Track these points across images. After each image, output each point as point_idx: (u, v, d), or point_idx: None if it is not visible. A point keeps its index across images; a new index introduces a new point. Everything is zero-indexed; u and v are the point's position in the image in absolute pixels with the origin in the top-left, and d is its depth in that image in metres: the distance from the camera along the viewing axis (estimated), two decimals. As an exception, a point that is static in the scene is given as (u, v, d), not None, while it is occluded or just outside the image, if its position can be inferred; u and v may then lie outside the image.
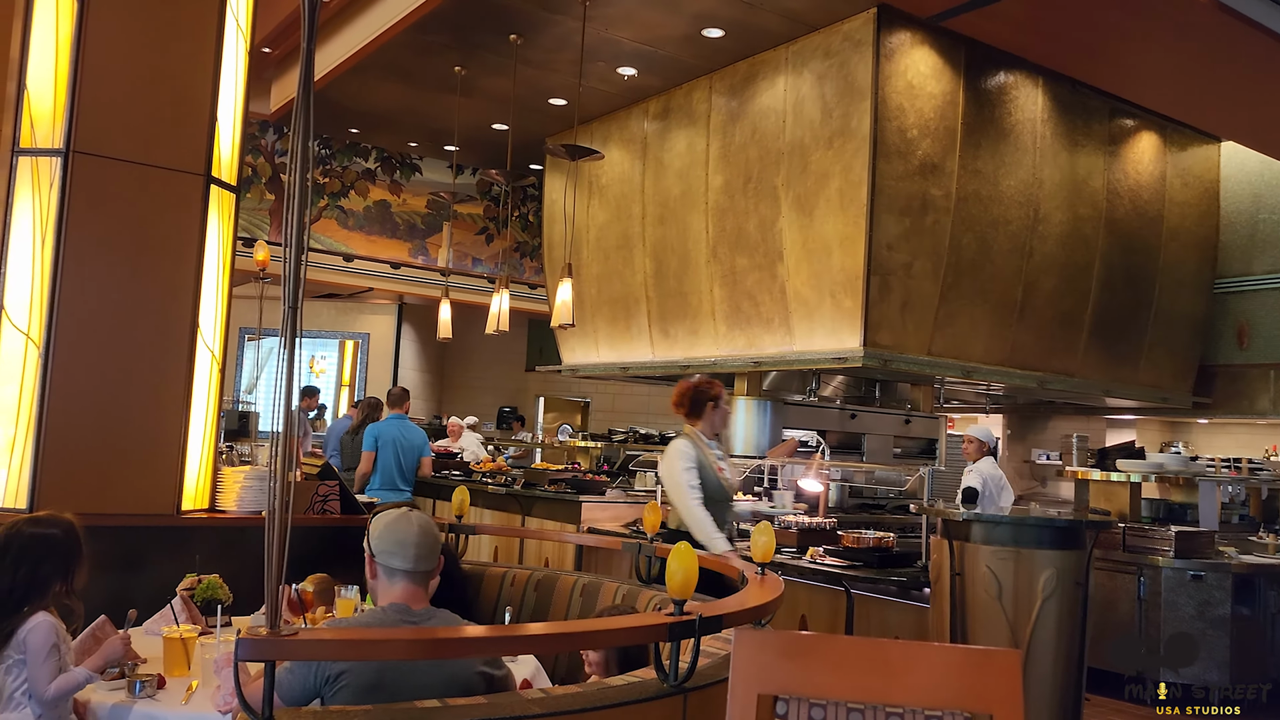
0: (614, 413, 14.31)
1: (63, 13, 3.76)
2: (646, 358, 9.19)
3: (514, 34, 7.85)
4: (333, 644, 2.17)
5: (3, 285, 3.70)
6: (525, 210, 12.94)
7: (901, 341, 7.19)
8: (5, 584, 2.53)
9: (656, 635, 2.41)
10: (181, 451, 3.94)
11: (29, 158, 3.75)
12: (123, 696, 2.57)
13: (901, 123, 7.02)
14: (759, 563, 3.34)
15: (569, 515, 7.59)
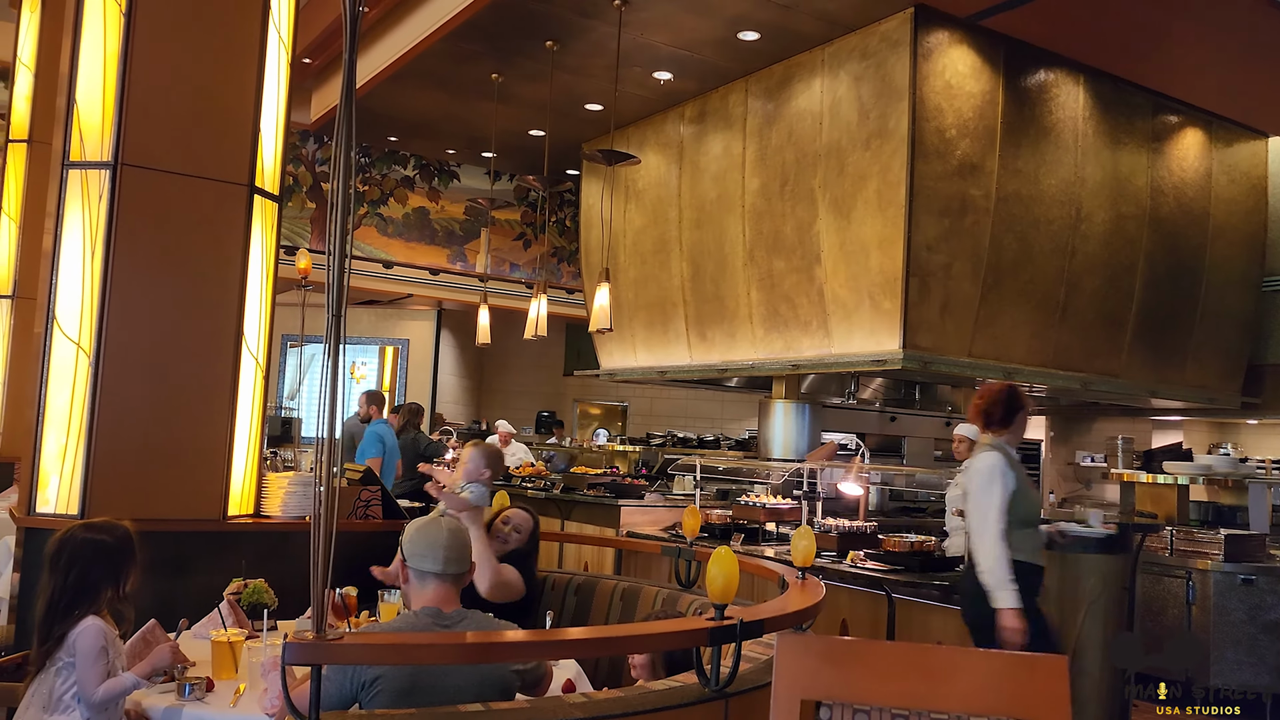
0: (651, 416, 14.32)
1: (110, 29, 3.84)
2: (684, 361, 9.19)
3: (550, 40, 7.89)
4: (379, 648, 2.19)
5: (54, 296, 3.78)
6: (562, 215, 12.99)
7: (941, 343, 7.12)
8: (57, 588, 2.59)
9: (697, 640, 2.42)
10: (227, 458, 4.00)
11: (78, 170, 3.83)
12: (173, 699, 2.61)
13: (940, 123, 6.96)
14: (799, 567, 3.33)
15: (608, 519, 7.61)
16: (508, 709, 2.21)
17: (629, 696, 2.35)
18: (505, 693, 2.51)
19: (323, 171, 11.50)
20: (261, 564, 3.75)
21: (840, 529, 6.01)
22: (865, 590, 5.43)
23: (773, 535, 6.72)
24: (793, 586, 3.18)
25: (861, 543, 5.94)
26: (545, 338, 8.34)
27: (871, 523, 6.27)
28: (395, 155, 11.89)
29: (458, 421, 13.41)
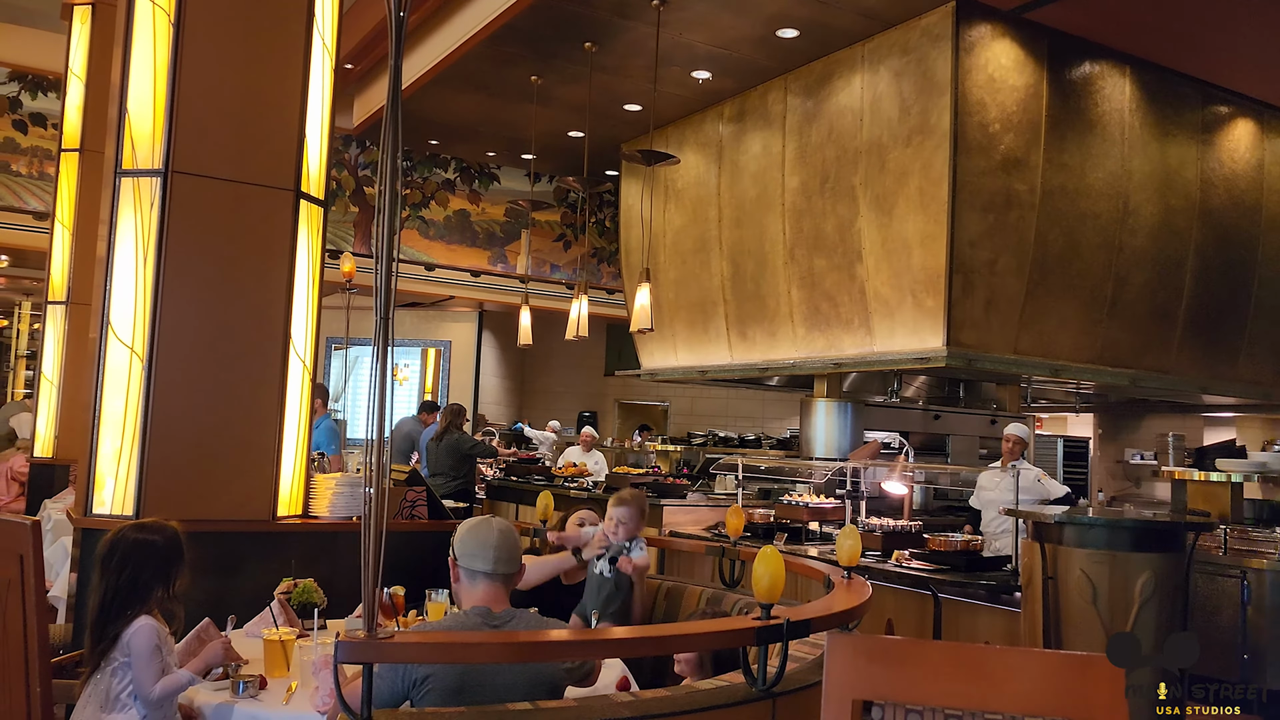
0: (692, 416, 14.30)
1: (160, 39, 3.91)
2: (725, 361, 9.17)
3: (589, 42, 7.92)
4: (428, 647, 2.21)
5: (109, 301, 3.86)
6: (602, 216, 13.02)
7: (986, 340, 7.04)
8: (109, 588, 2.64)
9: (743, 640, 2.41)
10: (276, 459, 4.05)
11: (130, 178, 3.90)
12: (227, 696, 2.66)
13: (983, 117, 6.88)
14: (845, 567, 3.31)
15: (650, 519, 7.61)
16: (556, 708, 2.22)
17: (676, 695, 2.35)
18: (554, 691, 2.52)
19: (365, 176, 11.63)
20: (310, 564, 3.80)
21: (885, 528, 5.97)
22: (910, 590, 5.39)
23: (816, 535, 6.69)
24: (838, 586, 3.16)
25: (906, 542, 5.90)
26: (586, 338, 8.36)
27: (916, 522, 6.22)
28: (436, 159, 11.99)
29: (499, 422, 13.49)
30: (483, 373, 14.15)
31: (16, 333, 15.70)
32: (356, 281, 6.75)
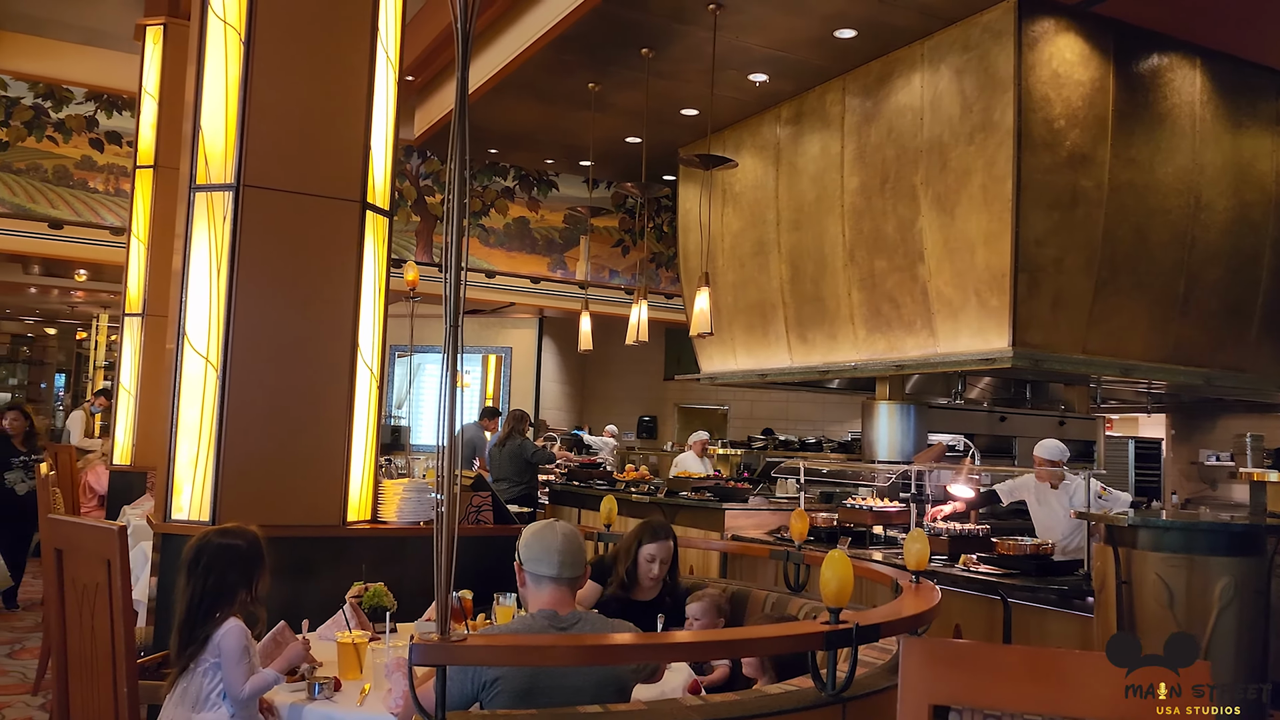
0: (752, 419, 14.25)
1: (231, 58, 4.02)
2: (785, 364, 9.12)
3: (645, 48, 7.95)
4: (500, 650, 2.24)
5: (184, 313, 3.97)
6: (660, 221, 13.05)
7: (1053, 340, 6.91)
8: (196, 592, 2.72)
9: (812, 644, 2.40)
10: (346, 466, 4.13)
11: (204, 193, 4.02)
12: (303, 698, 2.72)
13: (1047, 113, 6.76)
14: (913, 571, 3.28)
15: (712, 523, 7.60)
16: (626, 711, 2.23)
17: (745, 700, 2.35)
18: (622, 691, 2.54)
19: (426, 186, 11.80)
20: (379, 568, 3.86)
21: (951, 532, 5.89)
22: (979, 594, 5.31)
23: (880, 539, 6.62)
24: (906, 590, 3.13)
25: (974, 546, 5.80)
26: (645, 343, 8.39)
27: (984, 525, 6.12)
28: (495, 167, 12.13)
29: (560, 427, 13.58)
30: (543, 378, 14.26)
31: (95, 344, 16.23)
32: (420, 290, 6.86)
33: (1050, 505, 5.97)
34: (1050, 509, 5.97)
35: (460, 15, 2.10)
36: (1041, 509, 6.03)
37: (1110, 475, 8.44)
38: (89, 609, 2.58)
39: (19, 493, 7.65)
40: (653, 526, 3.91)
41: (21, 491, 7.65)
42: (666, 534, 3.90)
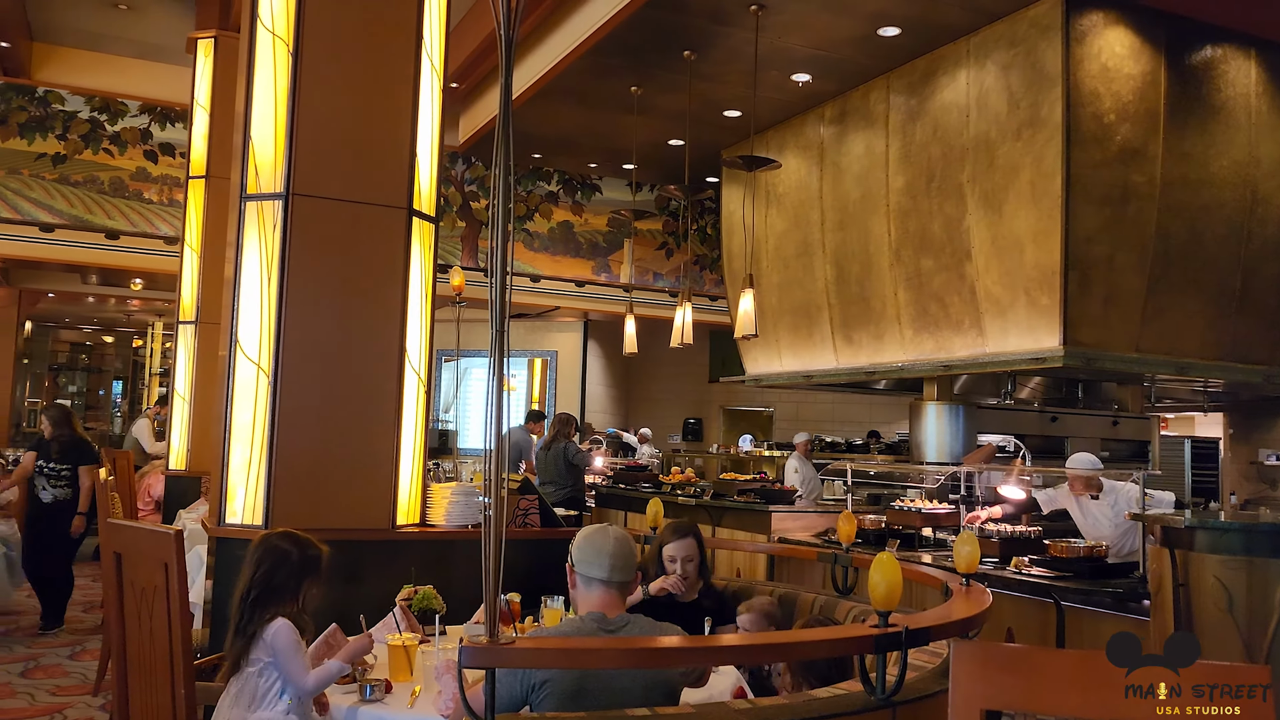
0: (798, 421, 14.17)
1: (280, 69, 4.09)
2: (830, 365, 9.06)
3: (687, 50, 7.95)
4: (549, 653, 2.25)
5: (236, 320, 4.05)
6: (703, 223, 13.03)
7: (1105, 338, 6.79)
8: (248, 581, 2.79)
9: (862, 648, 2.38)
10: (395, 470, 4.18)
11: (254, 202, 4.09)
12: (355, 699, 2.75)
13: (1097, 108, 6.65)
14: (963, 573, 3.24)
15: (758, 525, 7.57)
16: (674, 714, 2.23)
17: (794, 703, 2.34)
18: (670, 694, 2.54)
19: (471, 191, 11.90)
20: (428, 571, 3.90)
21: (1002, 534, 5.81)
22: (1030, 597, 5.23)
23: (929, 541, 6.55)
24: (957, 594, 3.10)
25: (1025, 548, 5.72)
26: (690, 345, 8.38)
27: (1036, 527, 6.02)
28: (539, 172, 12.19)
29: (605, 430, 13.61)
30: (589, 381, 14.30)
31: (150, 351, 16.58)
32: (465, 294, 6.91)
33: (1094, 515, 5.87)
34: (1094, 518, 5.87)
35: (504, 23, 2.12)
36: (1086, 519, 5.93)
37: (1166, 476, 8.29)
38: (147, 611, 2.64)
39: (44, 500, 7.28)
40: (673, 526, 3.91)
41: (46, 499, 7.28)
42: (685, 532, 3.89)
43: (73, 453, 7.34)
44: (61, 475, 7.26)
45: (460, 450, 12.80)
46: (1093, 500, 5.83)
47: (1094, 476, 5.80)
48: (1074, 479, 5.86)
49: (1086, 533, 5.90)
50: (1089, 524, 5.87)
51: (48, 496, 7.23)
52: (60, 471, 7.25)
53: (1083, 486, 5.83)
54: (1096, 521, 5.82)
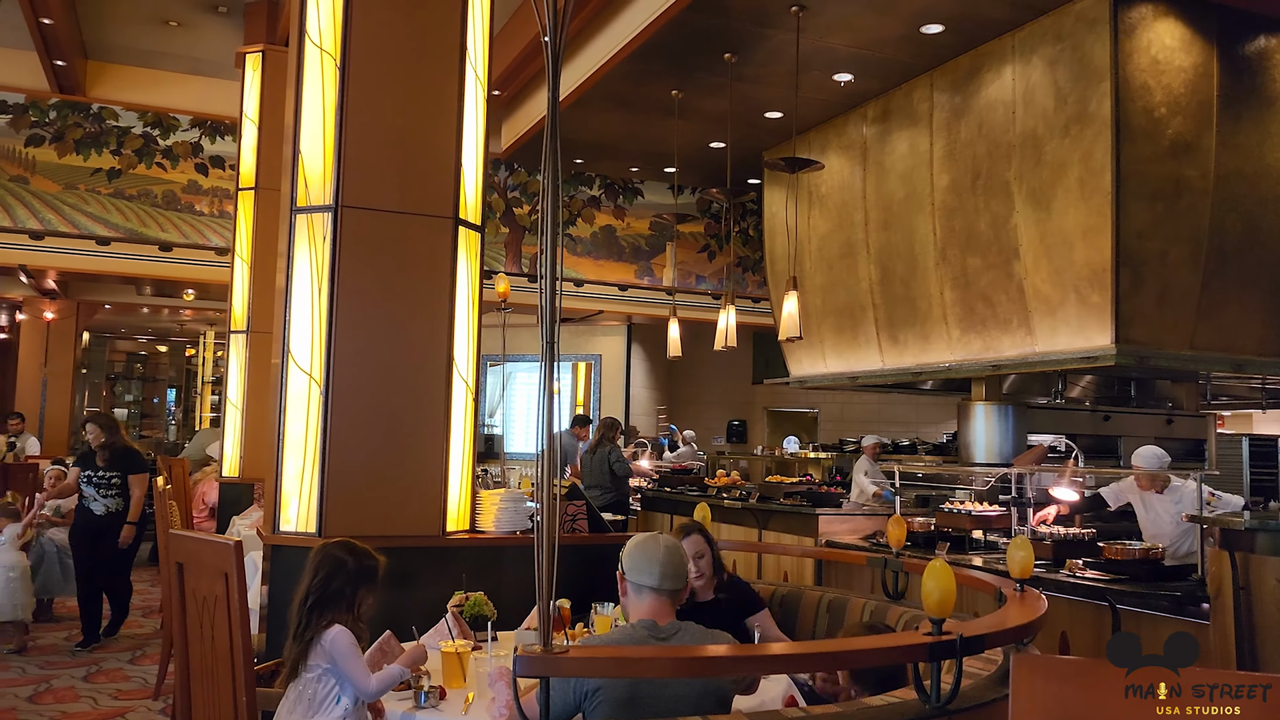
0: (842, 422, 14.08)
1: (327, 83, 4.15)
2: (876, 366, 8.99)
3: (728, 53, 7.94)
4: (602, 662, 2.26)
5: (288, 331, 4.12)
6: (745, 225, 13.00)
7: (1159, 336, 6.67)
8: (307, 588, 2.84)
9: (915, 656, 2.37)
10: (444, 477, 4.22)
11: (304, 215, 4.16)
12: (410, 705, 2.79)
13: (1147, 102, 6.54)
14: (1017, 579, 3.20)
15: (805, 528, 7.54)
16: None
17: (847, 711, 2.33)
18: (722, 701, 2.54)
19: (514, 197, 11.98)
20: (478, 577, 3.93)
21: (1056, 536, 5.73)
22: (1085, 601, 5.15)
23: (980, 543, 6.47)
24: (1011, 599, 3.06)
25: (1079, 550, 5.63)
26: (733, 348, 8.37)
27: (1090, 529, 5.93)
28: (581, 177, 12.25)
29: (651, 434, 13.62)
30: (633, 384, 14.33)
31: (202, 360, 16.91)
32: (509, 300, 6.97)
33: (1156, 510, 5.76)
34: (1156, 514, 5.76)
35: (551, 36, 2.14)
36: (1148, 514, 5.82)
37: (1223, 475, 8.11)
38: (209, 620, 2.69)
39: (95, 512, 6.83)
40: (678, 526, 3.91)
41: (98, 511, 6.83)
42: (690, 530, 3.87)
43: (121, 461, 6.94)
44: (112, 484, 6.87)
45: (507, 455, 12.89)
46: (1157, 496, 5.73)
47: (1160, 474, 5.70)
48: (1140, 475, 5.76)
49: (1147, 530, 5.80)
50: (1151, 519, 5.78)
51: (99, 508, 6.83)
52: (110, 480, 6.86)
53: (1148, 482, 5.74)
54: (1159, 518, 5.73)
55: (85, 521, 6.86)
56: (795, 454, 12.11)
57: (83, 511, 6.88)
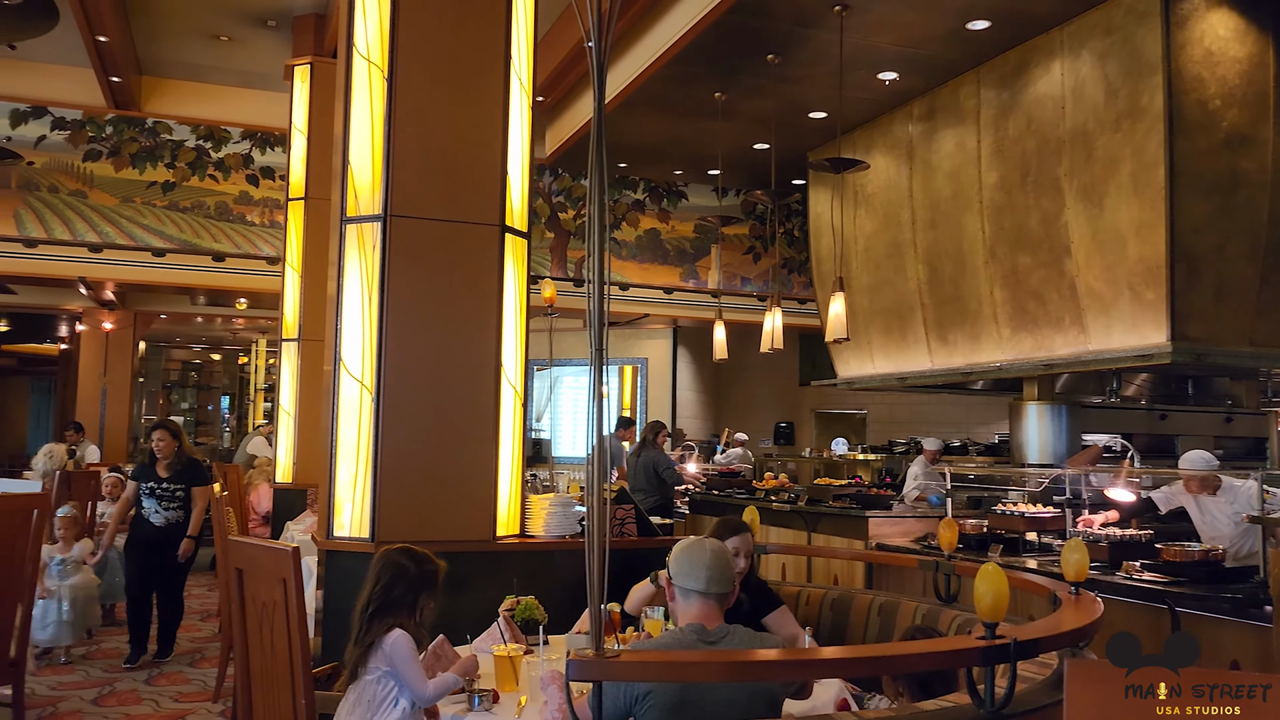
0: (891, 423, 13.94)
1: (375, 94, 4.21)
2: (925, 366, 8.91)
3: (771, 54, 7.92)
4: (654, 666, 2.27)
5: (340, 339, 4.18)
6: (790, 226, 12.95)
7: (1216, 332, 6.53)
8: (369, 594, 2.89)
9: (969, 660, 2.35)
10: (494, 481, 4.26)
11: (354, 225, 4.22)
12: (463, 708, 2.82)
13: (1201, 94, 6.41)
14: (1072, 581, 3.15)
15: (855, 531, 7.48)
16: (779, 727, 2.23)
17: (900, 716, 2.31)
18: (773, 704, 2.54)
19: (559, 202, 12.04)
20: (528, 581, 3.96)
21: (1111, 538, 5.63)
22: (1142, 604, 5.05)
23: (1034, 546, 6.38)
24: (1066, 603, 3.01)
25: (1136, 552, 5.53)
26: (780, 349, 8.34)
27: (1146, 530, 5.82)
28: (625, 181, 12.28)
29: (698, 436, 13.60)
30: (679, 387, 14.32)
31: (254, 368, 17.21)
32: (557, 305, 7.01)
33: (1211, 512, 5.63)
34: (1212, 516, 5.63)
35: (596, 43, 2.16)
36: (1203, 517, 5.69)
37: (1287, 474, 7.91)
38: (268, 625, 2.75)
39: (155, 524, 6.55)
40: (730, 524, 3.88)
41: (157, 523, 6.55)
42: (743, 528, 3.86)
43: (186, 473, 6.67)
44: (175, 496, 6.59)
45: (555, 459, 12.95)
46: (1210, 498, 5.60)
47: (1210, 476, 5.57)
48: (1188, 479, 5.64)
49: (1204, 532, 5.68)
50: (1206, 522, 5.65)
51: (159, 519, 6.54)
52: (174, 492, 6.58)
53: (1198, 485, 5.61)
54: (1214, 520, 5.60)
55: (142, 533, 6.61)
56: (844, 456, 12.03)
57: (140, 523, 6.63)
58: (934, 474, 8.70)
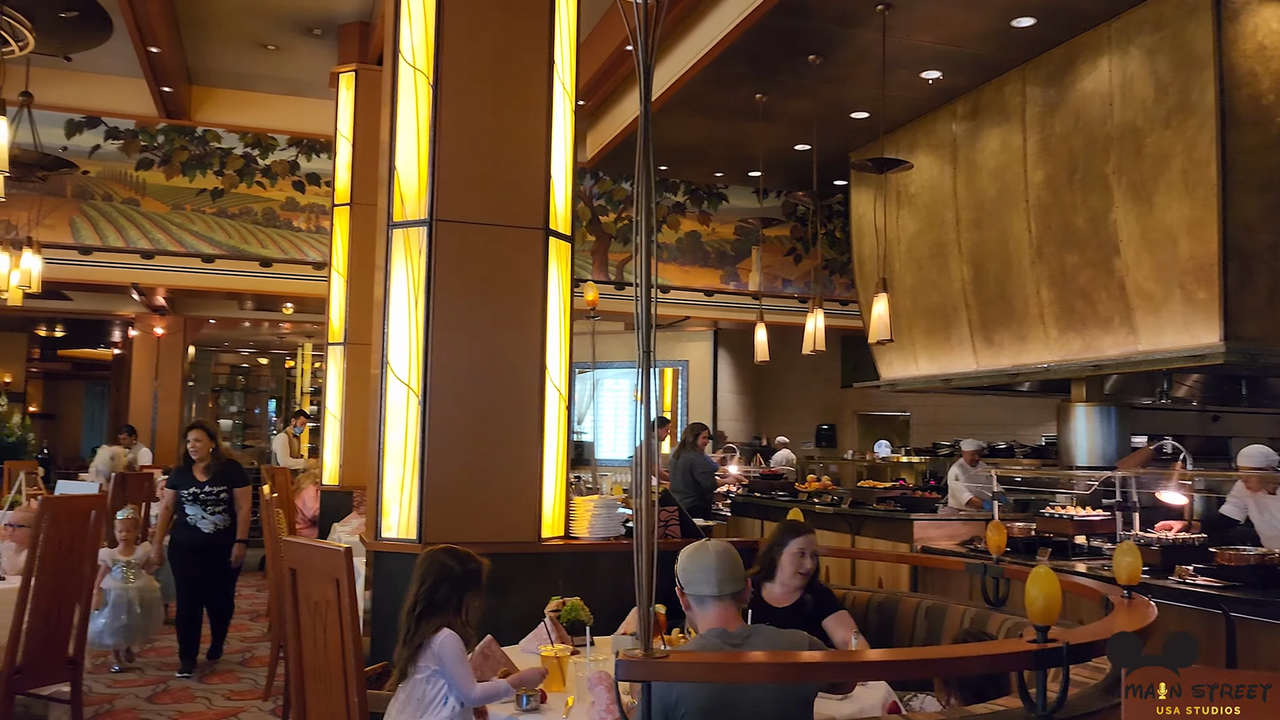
0: (935, 425, 13.80)
1: (421, 102, 4.26)
2: (969, 368, 8.82)
3: (812, 54, 7.89)
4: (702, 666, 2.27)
5: (387, 343, 4.24)
6: (832, 227, 12.88)
7: (1272, 332, 6.41)
8: (416, 594, 2.92)
9: (1020, 664, 2.32)
10: (539, 484, 4.29)
11: (401, 230, 4.28)
12: (512, 709, 2.84)
13: (1254, 89, 6.29)
14: (1124, 585, 3.11)
15: (900, 534, 7.42)
16: (827, 729, 2.22)
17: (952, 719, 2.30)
18: (806, 705, 2.53)
19: (600, 205, 12.09)
20: (573, 583, 3.98)
21: (1164, 541, 5.53)
22: (1196, 609, 4.95)
23: (1083, 549, 6.28)
24: (1118, 607, 2.97)
25: (1189, 556, 5.42)
26: (821, 351, 8.30)
27: (1200, 534, 5.71)
28: (666, 183, 12.29)
29: (739, 439, 13.57)
30: (720, 390, 14.30)
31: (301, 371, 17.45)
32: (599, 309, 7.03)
33: (1271, 512, 5.52)
34: (1271, 515, 5.52)
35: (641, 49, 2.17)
36: (1263, 517, 5.57)
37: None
38: (321, 624, 2.79)
39: (204, 530, 6.34)
40: (793, 526, 3.85)
41: (206, 530, 6.34)
42: (803, 529, 3.83)
43: (225, 474, 6.46)
44: (220, 499, 6.40)
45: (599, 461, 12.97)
46: (1270, 497, 5.49)
47: (1270, 474, 5.47)
48: (1247, 477, 5.53)
49: (1263, 532, 5.57)
50: (1266, 521, 5.54)
51: (208, 526, 6.34)
52: (219, 495, 6.39)
53: (1259, 483, 5.50)
54: (1274, 519, 5.49)
55: (191, 540, 6.36)
56: (887, 458, 11.94)
57: (187, 529, 6.37)
58: (977, 476, 8.60)
